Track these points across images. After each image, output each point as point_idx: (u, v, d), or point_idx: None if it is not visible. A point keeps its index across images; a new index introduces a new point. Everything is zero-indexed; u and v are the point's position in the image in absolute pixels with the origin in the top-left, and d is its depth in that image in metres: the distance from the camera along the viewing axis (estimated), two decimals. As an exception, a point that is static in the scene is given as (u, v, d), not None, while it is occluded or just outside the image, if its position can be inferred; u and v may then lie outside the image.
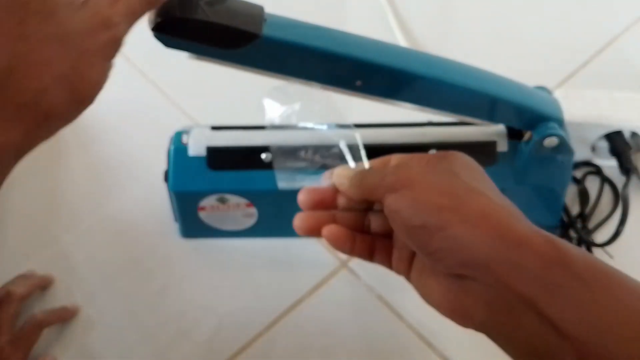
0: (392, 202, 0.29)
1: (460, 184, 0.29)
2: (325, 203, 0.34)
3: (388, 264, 0.33)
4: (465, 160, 0.31)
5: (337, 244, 0.33)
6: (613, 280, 0.24)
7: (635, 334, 0.23)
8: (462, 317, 0.28)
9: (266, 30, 0.34)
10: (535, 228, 0.27)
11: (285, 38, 0.35)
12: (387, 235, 0.33)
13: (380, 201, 0.30)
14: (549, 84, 0.49)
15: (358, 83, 0.37)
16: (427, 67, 0.39)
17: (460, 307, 0.28)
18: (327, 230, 0.32)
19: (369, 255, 0.33)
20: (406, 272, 0.32)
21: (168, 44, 0.33)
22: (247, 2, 0.34)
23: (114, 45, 0.28)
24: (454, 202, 0.27)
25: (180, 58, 0.35)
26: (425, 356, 0.45)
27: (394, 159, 0.33)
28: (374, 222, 0.33)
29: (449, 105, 0.40)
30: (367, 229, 0.34)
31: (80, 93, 0.28)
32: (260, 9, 0.35)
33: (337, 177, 0.33)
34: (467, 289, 0.27)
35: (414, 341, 0.46)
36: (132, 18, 0.29)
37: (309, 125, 0.37)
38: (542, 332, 0.24)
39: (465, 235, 0.26)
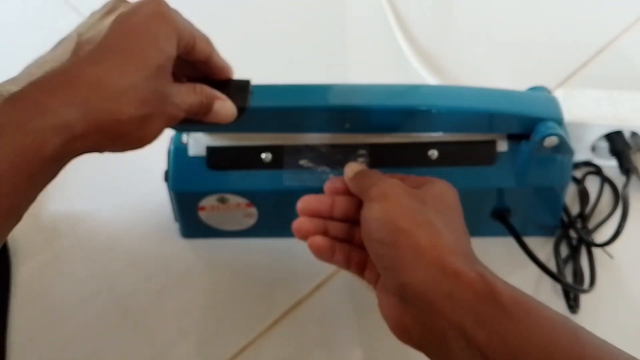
0: (366, 210, 0.33)
1: (423, 214, 0.32)
2: (321, 212, 0.37)
3: (361, 274, 0.36)
4: (441, 191, 0.34)
5: (318, 253, 0.36)
6: (532, 311, 0.27)
7: (542, 356, 0.26)
8: (403, 333, 0.31)
9: (253, 102, 0.38)
10: (474, 264, 0.30)
11: (270, 105, 0.39)
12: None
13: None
14: (549, 84, 0.49)
15: (347, 126, 0.41)
16: (413, 99, 0.41)
17: (401, 324, 0.31)
18: (311, 240, 0.36)
19: (346, 265, 0.36)
20: (374, 283, 0.35)
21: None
22: (234, 80, 0.38)
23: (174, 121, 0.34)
24: (410, 227, 0.30)
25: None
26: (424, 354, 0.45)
27: (394, 175, 0.36)
28: (359, 233, 0.35)
29: (445, 129, 0.42)
30: (357, 240, 0.36)
31: (141, 140, 0.32)
32: (246, 82, 0.38)
33: (348, 167, 0.38)
34: (407, 309, 0.30)
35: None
36: (190, 113, 0.34)
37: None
38: (470, 356, 0.27)
39: (411, 260, 0.29)
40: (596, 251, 0.47)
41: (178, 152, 0.44)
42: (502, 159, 0.43)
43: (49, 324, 0.45)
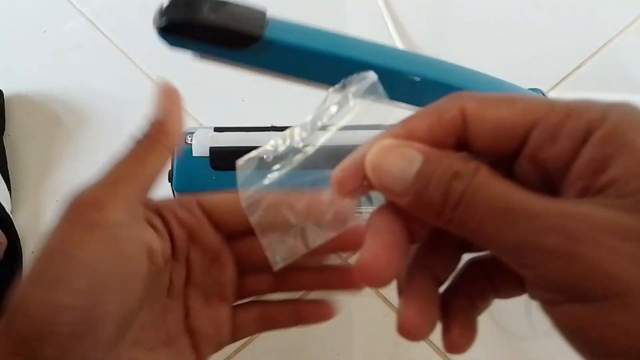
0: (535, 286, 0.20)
1: None
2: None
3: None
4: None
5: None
6: None
7: None
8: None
9: (268, 33, 0.35)
10: None
11: (286, 40, 0.36)
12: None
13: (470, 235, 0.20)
14: (542, 86, 0.50)
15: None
16: (425, 69, 0.39)
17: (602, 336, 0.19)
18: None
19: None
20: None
21: (173, 43, 0.34)
22: (250, 7, 0.35)
23: None
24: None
25: (184, 60, 0.36)
26: (422, 351, 0.46)
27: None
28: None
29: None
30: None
31: None
32: (262, 12, 0.36)
33: (379, 166, 0.22)
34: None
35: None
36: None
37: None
38: None
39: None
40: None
41: (182, 153, 0.44)
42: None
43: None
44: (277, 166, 0.27)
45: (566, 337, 0.20)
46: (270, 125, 0.46)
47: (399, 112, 0.27)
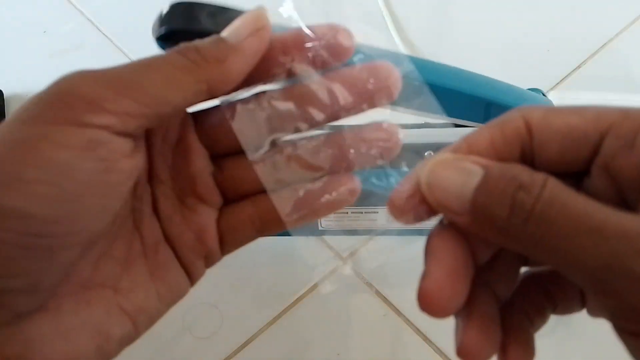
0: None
1: None
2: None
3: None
4: None
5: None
6: None
7: None
8: None
9: None
10: None
11: None
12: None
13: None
14: (543, 86, 0.49)
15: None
16: (423, 72, 0.39)
17: None
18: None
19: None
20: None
21: None
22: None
23: None
24: None
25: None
26: (421, 350, 0.46)
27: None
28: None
29: (444, 110, 0.41)
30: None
31: None
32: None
33: (433, 182, 0.20)
34: None
35: (412, 337, 0.46)
36: None
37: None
38: None
39: None
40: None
41: None
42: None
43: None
44: None
45: None
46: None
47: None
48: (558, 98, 0.48)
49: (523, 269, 0.24)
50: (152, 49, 0.35)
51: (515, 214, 0.18)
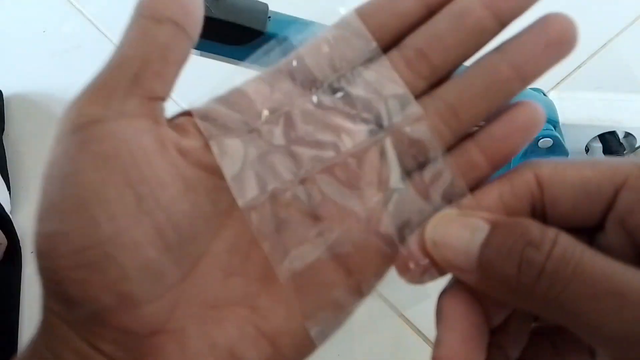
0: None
1: None
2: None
3: None
4: None
5: None
6: None
7: None
8: None
9: (270, 28, 0.35)
10: None
11: (289, 35, 0.36)
12: None
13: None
14: (543, 86, 0.50)
15: None
16: None
17: None
18: None
19: None
20: None
21: None
22: (251, 1, 0.35)
23: None
24: None
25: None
26: (422, 351, 0.46)
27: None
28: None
29: None
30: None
31: None
32: (265, 6, 0.35)
33: (440, 241, 0.19)
34: None
35: (413, 337, 0.46)
36: None
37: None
38: None
39: None
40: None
41: None
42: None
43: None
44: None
45: None
46: None
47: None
48: (558, 98, 0.48)
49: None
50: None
51: (524, 272, 0.17)
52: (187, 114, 0.22)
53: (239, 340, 0.21)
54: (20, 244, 0.50)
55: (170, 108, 0.22)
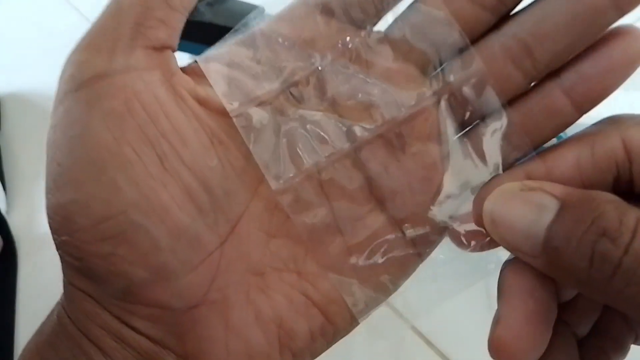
0: None
1: None
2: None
3: None
4: None
5: None
6: None
7: None
8: None
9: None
10: None
11: None
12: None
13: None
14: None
15: None
16: None
17: None
18: None
19: None
20: None
21: None
22: (247, 3, 0.35)
23: None
24: None
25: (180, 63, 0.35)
26: (424, 354, 0.46)
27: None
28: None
29: None
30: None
31: None
32: (260, 10, 0.35)
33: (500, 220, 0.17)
34: None
35: (413, 338, 0.46)
36: None
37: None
38: None
39: None
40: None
41: None
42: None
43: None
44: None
45: None
46: None
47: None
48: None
49: None
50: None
51: (597, 267, 0.14)
52: (203, 60, 0.20)
53: (288, 309, 0.19)
54: (16, 244, 0.50)
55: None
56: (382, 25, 0.20)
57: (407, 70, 0.20)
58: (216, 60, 0.19)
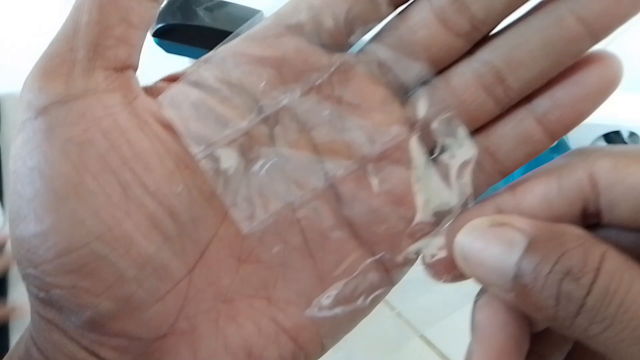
0: None
1: None
2: None
3: None
4: None
5: None
6: None
7: None
8: None
9: None
10: None
11: None
12: None
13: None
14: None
15: None
16: None
17: None
18: None
19: None
20: None
21: (168, 49, 0.33)
22: (246, 7, 0.35)
23: None
24: None
25: (179, 67, 0.35)
26: (424, 355, 0.45)
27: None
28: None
29: None
30: None
31: None
32: (260, 14, 0.35)
33: (467, 257, 0.17)
34: None
35: (415, 340, 0.46)
36: None
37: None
38: None
39: None
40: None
41: None
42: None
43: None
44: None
45: None
46: None
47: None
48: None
49: None
50: (149, 47, 0.34)
51: (563, 306, 0.15)
52: (168, 79, 0.20)
53: (257, 336, 0.19)
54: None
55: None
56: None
57: (379, 93, 0.20)
58: (180, 98, 0.19)
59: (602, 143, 0.50)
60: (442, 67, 0.19)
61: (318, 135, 0.19)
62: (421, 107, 0.19)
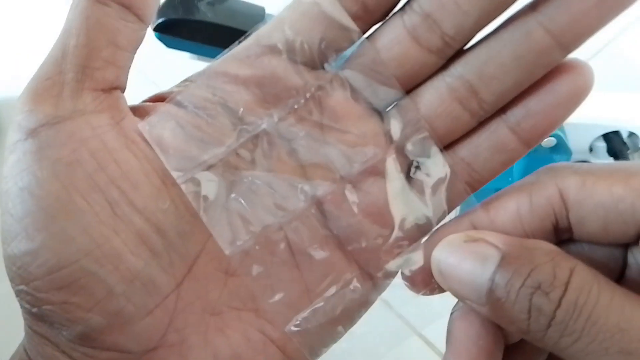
0: None
1: None
2: None
3: None
4: None
5: None
6: None
7: None
8: None
9: None
10: None
11: None
12: None
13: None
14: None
15: None
16: None
17: None
18: None
19: None
20: None
21: (169, 44, 0.33)
22: (248, 3, 0.35)
23: None
24: None
25: (180, 63, 0.35)
26: (425, 355, 0.46)
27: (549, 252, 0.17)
28: None
29: None
30: None
31: None
32: (261, 9, 0.35)
33: (445, 271, 0.18)
34: None
35: (415, 340, 0.46)
36: None
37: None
38: None
39: None
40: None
41: None
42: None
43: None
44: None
45: None
46: None
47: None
48: None
49: None
50: (150, 42, 0.34)
51: (534, 319, 0.15)
52: (154, 99, 0.21)
53: (246, 348, 0.20)
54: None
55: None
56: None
57: (357, 110, 0.20)
58: (166, 118, 0.20)
59: (602, 143, 0.50)
60: (417, 83, 0.20)
61: (297, 157, 0.20)
62: (395, 129, 0.20)
